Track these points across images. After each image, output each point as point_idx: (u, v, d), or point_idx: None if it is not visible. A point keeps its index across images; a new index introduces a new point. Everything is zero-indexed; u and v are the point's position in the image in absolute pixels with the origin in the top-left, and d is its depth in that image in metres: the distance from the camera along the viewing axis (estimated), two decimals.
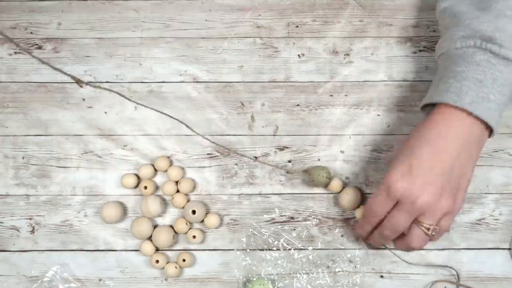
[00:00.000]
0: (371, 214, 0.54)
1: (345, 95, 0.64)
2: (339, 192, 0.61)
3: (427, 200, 0.50)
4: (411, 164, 0.51)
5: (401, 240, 0.55)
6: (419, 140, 0.52)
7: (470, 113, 0.51)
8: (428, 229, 0.51)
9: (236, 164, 0.63)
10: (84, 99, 0.64)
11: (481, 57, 0.51)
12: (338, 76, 0.64)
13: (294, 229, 0.62)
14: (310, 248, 0.62)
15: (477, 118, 0.51)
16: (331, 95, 0.64)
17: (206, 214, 0.61)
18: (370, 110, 0.64)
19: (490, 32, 0.51)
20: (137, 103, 0.58)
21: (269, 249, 0.61)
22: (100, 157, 0.63)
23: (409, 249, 0.55)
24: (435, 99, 0.52)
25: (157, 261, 0.60)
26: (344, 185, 0.62)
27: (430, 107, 0.55)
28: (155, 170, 0.62)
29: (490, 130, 0.53)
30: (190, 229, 0.61)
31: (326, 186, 0.61)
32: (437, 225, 0.52)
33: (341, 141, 0.63)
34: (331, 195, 0.62)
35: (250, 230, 0.62)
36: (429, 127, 0.52)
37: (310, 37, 0.65)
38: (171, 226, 0.61)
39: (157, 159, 0.62)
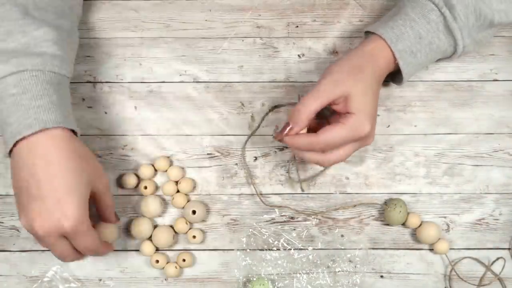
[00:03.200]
0: (326, 147, 0.53)
1: None
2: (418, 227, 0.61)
3: (373, 132, 0.56)
4: (374, 104, 0.55)
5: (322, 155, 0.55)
6: (373, 74, 0.54)
7: (395, 58, 0.55)
8: None
9: (236, 164, 0.63)
10: (84, 99, 0.64)
11: (434, 18, 0.55)
12: None
13: (294, 229, 0.62)
14: (310, 248, 0.62)
15: (396, 64, 0.56)
16: None
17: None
18: None
19: (455, 2, 0.55)
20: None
21: (269, 249, 0.61)
22: (100, 157, 0.63)
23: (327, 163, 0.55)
24: (379, 31, 0.56)
25: (157, 261, 0.60)
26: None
27: (369, 33, 0.58)
28: (155, 170, 0.62)
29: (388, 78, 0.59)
30: (190, 229, 0.61)
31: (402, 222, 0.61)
32: None
33: None
34: (331, 195, 0.62)
35: (250, 230, 0.62)
36: (376, 60, 0.55)
37: (310, 37, 0.65)
38: (171, 226, 0.61)
39: (157, 159, 0.62)
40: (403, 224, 0.61)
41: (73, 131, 0.53)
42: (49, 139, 0.50)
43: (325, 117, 0.57)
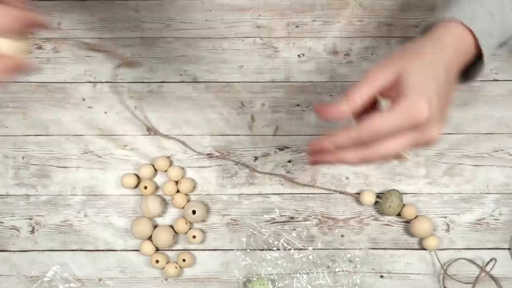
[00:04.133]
0: (372, 137, 0.43)
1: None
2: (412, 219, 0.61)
3: (436, 121, 0.44)
4: (437, 87, 0.44)
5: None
6: (436, 57, 0.45)
7: (476, 40, 0.47)
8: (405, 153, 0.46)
9: (236, 164, 0.63)
10: (84, 99, 0.64)
11: None
12: (338, 76, 0.64)
13: (294, 229, 0.62)
14: (310, 248, 0.62)
15: (476, 48, 0.48)
16: (331, 95, 0.64)
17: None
18: None
19: None
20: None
21: (269, 249, 0.61)
22: (100, 157, 0.63)
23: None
24: (447, 15, 0.47)
25: (157, 261, 0.60)
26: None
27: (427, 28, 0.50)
28: (155, 170, 0.62)
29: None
30: (190, 229, 0.61)
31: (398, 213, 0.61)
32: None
33: None
34: (331, 195, 0.62)
35: (250, 230, 0.62)
36: (444, 45, 0.46)
37: (310, 37, 0.65)
38: (171, 226, 0.61)
39: (157, 159, 0.62)
40: (399, 215, 0.61)
41: None
42: None
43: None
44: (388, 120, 0.42)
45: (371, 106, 0.46)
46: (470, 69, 0.50)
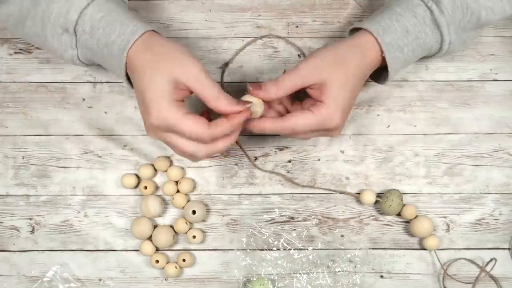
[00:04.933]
0: (292, 134, 0.54)
1: None
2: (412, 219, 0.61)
3: (342, 126, 0.55)
4: (350, 99, 0.53)
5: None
6: (355, 67, 0.53)
7: (382, 52, 0.54)
8: None
9: (236, 164, 0.63)
10: (84, 99, 0.64)
11: (421, 12, 0.54)
12: None
13: (294, 229, 0.62)
14: (310, 248, 0.62)
15: (383, 58, 0.54)
16: None
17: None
18: (370, 110, 0.64)
19: None
20: None
21: (269, 249, 0.61)
22: (100, 157, 0.63)
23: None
24: (364, 25, 0.55)
25: (157, 261, 0.60)
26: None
27: (355, 30, 0.57)
28: (155, 170, 0.62)
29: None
30: (190, 229, 0.61)
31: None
32: None
33: (341, 141, 0.63)
34: (331, 195, 0.62)
35: (250, 230, 0.62)
36: (360, 53, 0.54)
37: (310, 37, 0.65)
38: (171, 226, 0.61)
39: (157, 159, 0.62)
40: (399, 215, 0.61)
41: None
42: (140, 46, 0.52)
43: (300, 100, 0.56)
44: (306, 122, 0.52)
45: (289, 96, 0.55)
46: (379, 72, 0.57)
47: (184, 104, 0.51)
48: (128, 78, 0.54)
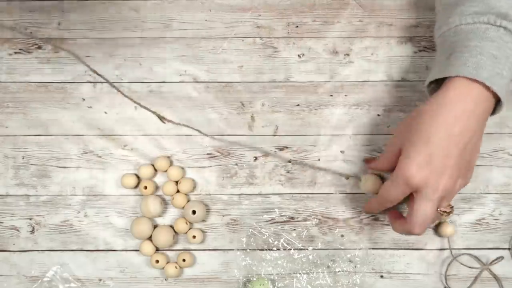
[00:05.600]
0: (386, 201, 0.54)
1: (345, 95, 0.64)
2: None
3: (447, 185, 0.50)
4: (430, 154, 0.50)
5: (402, 222, 0.54)
6: (434, 122, 0.50)
7: (486, 88, 0.49)
8: (445, 211, 0.53)
9: (236, 164, 0.63)
10: (84, 99, 0.64)
11: (495, 34, 0.51)
12: (338, 76, 0.64)
13: (294, 229, 0.62)
14: (310, 248, 0.62)
15: (490, 93, 0.50)
16: (331, 95, 0.64)
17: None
18: (370, 110, 0.64)
19: (505, 9, 0.51)
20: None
21: (269, 249, 0.61)
22: (100, 157, 0.63)
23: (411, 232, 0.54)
24: (451, 73, 0.51)
25: (157, 261, 0.60)
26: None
27: (434, 86, 0.54)
28: (155, 170, 0.62)
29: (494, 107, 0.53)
30: (190, 229, 0.61)
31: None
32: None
33: (341, 141, 0.63)
34: (331, 195, 0.62)
35: (250, 230, 0.62)
36: (443, 106, 0.50)
37: (310, 37, 0.65)
38: (171, 226, 0.61)
39: (157, 159, 0.62)
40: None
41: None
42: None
43: None
44: (390, 188, 0.52)
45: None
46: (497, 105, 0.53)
47: None
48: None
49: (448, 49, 0.53)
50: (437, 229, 0.61)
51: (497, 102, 0.52)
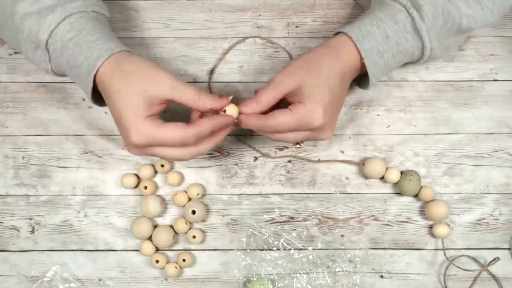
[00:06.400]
0: (275, 132, 0.54)
1: None
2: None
3: (330, 126, 0.55)
4: (331, 98, 0.53)
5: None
6: (333, 68, 0.54)
7: (361, 57, 0.54)
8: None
9: (236, 164, 0.63)
10: (84, 99, 0.64)
11: (402, 18, 0.55)
12: None
13: (294, 229, 0.62)
14: (310, 248, 0.62)
15: (361, 63, 0.55)
16: None
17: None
18: (370, 110, 0.64)
19: (423, 2, 0.54)
20: None
21: (269, 249, 0.61)
22: (100, 157, 0.63)
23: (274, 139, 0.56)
24: (345, 29, 0.55)
25: (157, 261, 0.60)
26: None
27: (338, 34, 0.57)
28: (155, 170, 0.62)
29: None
30: (190, 229, 0.61)
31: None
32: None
33: (341, 141, 0.63)
34: (331, 195, 0.62)
35: (250, 230, 0.62)
36: (339, 55, 0.54)
37: (310, 37, 0.65)
38: (171, 226, 0.61)
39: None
40: (416, 196, 0.61)
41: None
42: (110, 67, 0.52)
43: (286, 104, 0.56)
44: (287, 121, 0.52)
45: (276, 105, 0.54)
46: (364, 77, 0.57)
47: (157, 117, 0.52)
48: (98, 98, 0.56)
49: (366, 12, 0.58)
50: (432, 230, 0.61)
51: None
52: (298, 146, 0.60)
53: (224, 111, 0.53)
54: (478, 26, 0.56)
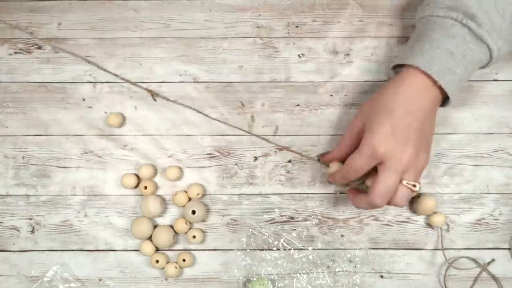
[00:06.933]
0: (351, 172, 0.54)
1: (345, 95, 0.64)
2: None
3: (410, 157, 0.52)
4: (392, 125, 0.52)
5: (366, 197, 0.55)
6: (394, 100, 0.53)
7: (434, 81, 0.53)
8: (414, 185, 0.53)
9: (236, 164, 0.63)
10: (84, 99, 0.64)
11: (458, 31, 0.54)
12: (338, 76, 0.64)
13: (294, 229, 0.62)
14: (310, 248, 0.62)
15: (437, 87, 0.54)
16: (331, 95, 0.64)
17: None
18: None
19: (474, 10, 0.53)
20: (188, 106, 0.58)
21: (269, 249, 0.61)
22: (100, 157, 0.63)
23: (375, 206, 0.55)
24: (408, 61, 0.55)
25: (157, 261, 0.60)
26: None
27: (400, 67, 0.57)
28: (155, 170, 0.62)
29: (445, 101, 0.57)
30: (190, 229, 0.61)
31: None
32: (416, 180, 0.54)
33: None
34: (331, 195, 0.62)
35: (250, 230, 0.62)
36: (402, 87, 0.54)
37: (310, 37, 0.65)
38: (171, 226, 0.61)
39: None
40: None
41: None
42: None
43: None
44: (356, 159, 0.53)
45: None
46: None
47: None
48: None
49: (416, 36, 0.57)
50: (428, 219, 0.61)
51: (448, 97, 0.55)
52: (417, 188, 0.55)
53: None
54: None
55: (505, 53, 0.56)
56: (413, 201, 0.61)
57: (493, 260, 0.61)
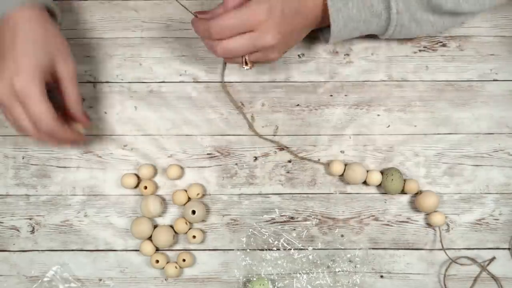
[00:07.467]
0: (217, 30, 0.51)
1: (345, 95, 0.64)
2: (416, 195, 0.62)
3: (272, 38, 0.52)
4: (282, 14, 0.51)
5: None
6: None
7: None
8: (247, 63, 0.54)
9: (236, 164, 0.63)
10: (84, 99, 0.64)
11: None
12: (338, 76, 0.64)
13: (294, 229, 0.62)
14: (310, 248, 0.62)
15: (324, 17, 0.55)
16: (331, 95, 0.64)
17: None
18: (370, 110, 0.64)
19: None
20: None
21: (269, 249, 0.61)
22: (100, 157, 0.63)
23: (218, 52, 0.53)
24: None
25: (157, 261, 0.60)
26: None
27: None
28: (155, 170, 0.62)
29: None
30: (190, 229, 0.61)
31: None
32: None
33: (341, 141, 0.63)
34: (331, 195, 0.62)
35: (250, 230, 0.62)
36: None
37: (310, 37, 0.65)
38: (171, 226, 0.61)
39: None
40: (403, 192, 0.61)
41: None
42: (22, 16, 0.52)
43: None
44: (230, 17, 0.50)
45: None
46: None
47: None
48: None
49: None
50: (427, 220, 0.61)
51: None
52: (247, 67, 0.55)
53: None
54: (448, 7, 0.55)
55: (404, 23, 0.56)
56: (416, 197, 0.61)
57: (494, 258, 0.61)
